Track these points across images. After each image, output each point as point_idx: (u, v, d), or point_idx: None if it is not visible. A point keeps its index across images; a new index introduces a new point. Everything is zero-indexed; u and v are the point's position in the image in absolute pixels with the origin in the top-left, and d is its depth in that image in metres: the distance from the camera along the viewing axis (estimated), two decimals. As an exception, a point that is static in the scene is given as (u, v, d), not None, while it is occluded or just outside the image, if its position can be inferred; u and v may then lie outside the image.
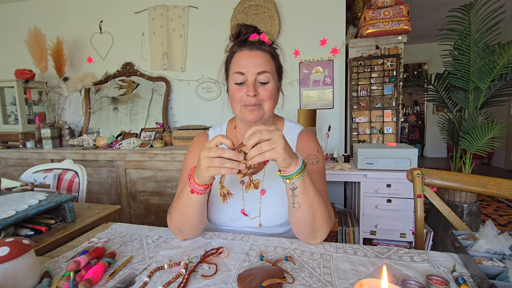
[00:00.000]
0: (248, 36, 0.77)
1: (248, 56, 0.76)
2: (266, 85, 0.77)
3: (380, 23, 2.08)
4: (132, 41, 2.74)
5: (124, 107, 2.79)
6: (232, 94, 0.79)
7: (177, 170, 2.17)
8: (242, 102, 0.77)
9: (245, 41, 0.78)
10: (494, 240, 0.62)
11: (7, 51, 3.09)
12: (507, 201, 3.19)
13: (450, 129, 2.10)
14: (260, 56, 0.77)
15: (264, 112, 0.79)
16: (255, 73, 0.75)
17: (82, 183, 1.45)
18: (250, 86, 0.75)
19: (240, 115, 0.81)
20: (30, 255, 0.57)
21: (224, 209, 0.83)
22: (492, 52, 1.75)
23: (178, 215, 0.74)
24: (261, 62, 0.76)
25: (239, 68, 0.76)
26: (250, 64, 0.75)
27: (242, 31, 0.78)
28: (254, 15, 2.38)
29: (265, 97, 0.77)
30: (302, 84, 2.42)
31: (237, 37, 0.79)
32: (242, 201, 0.83)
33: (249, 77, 0.76)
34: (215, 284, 0.57)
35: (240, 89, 0.77)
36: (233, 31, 0.79)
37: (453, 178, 0.86)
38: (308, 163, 0.83)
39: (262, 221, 0.82)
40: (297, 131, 0.90)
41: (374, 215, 1.77)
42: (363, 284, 0.44)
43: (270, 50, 0.80)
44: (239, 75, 0.76)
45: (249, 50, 0.77)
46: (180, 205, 0.73)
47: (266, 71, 0.76)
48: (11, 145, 2.65)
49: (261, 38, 0.78)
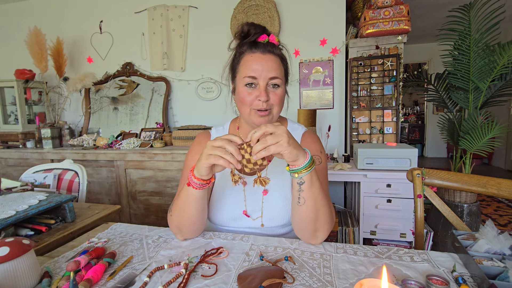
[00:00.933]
0: (257, 37, 0.76)
1: (260, 60, 0.75)
2: (277, 90, 0.77)
3: (380, 23, 2.08)
4: (132, 41, 2.74)
5: (124, 107, 2.79)
6: (242, 98, 0.77)
7: (177, 170, 2.17)
8: (252, 106, 0.77)
9: (256, 43, 0.76)
10: (494, 240, 0.62)
11: (7, 51, 3.09)
12: (507, 201, 3.19)
13: (450, 129, 2.10)
14: (272, 60, 0.76)
15: (272, 116, 0.79)
16: (268, 77, 0.75)
17: (82, 183, 1.45)
18: (262, 91, 0.74)
19: (248, 118, 0.80)
20: (30, 255, 0.57)
21: (226, 209, 0.83)
22: (492, 52, 1.75)
23: (178, 212, 0.74)
24: (273, 66, 0.75)
25: (251, 72, 0.75)
26: (262, 68, 0.74)
27: (252, 31, 0.76)
28: (254, 15, 2.38)
29: (275, 102, 0.77)
30: (302, 84, 2.42)
31: (245, 37, 0.77)
32: (244, 202, 0.83)
33: (261, 82, 0.75)
34: (215, 284, 0.57)
35: (250, 93, 0.76)
36: (240, 29, 0.77)
37: (453, 178, 0.86)
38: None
39: (264, 221, 0.82)
40: (300, 131, 0.90)
41: (374, 215, 1.77)
42: (363, 284, 0.44)
43: (280, 54, 0.79)
44: (251, 79, 0.75)
45: (261, 53, 0.75)
46: (180, 201, 0.73)
47: (277, 76, 0.76)
48: (11, 145, 2.65)
49: (270, 39, 0.77)
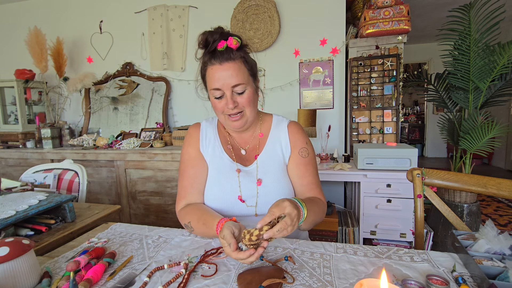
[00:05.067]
0: (215, 45, 0.76)
1: (220, 70, 0.77)
2: (243, 94, 0.80)
3: (380, 23, 2.07)
4: (132, 41, 2.74)
5: (124, 107, 2.79)
6: (214, 107, 0.83)
7: (177, 170, 2.17)
8: (224, 112, 0.82)
9: (214, 52, 0.77)
10: (494, 240, 0.62)
11: (7, 51, 3.09)
12: (507, 201, 3.19)
13: (450, 129, 2.09)
14: (231, 68, 0.76)
15: (247, 117, 0.83)
16: (230, 86, 0.77)
17: (82, 183, 1.45)
18: (229, 99, 0.78)
19: (225, 123, 0.86)
20: (30, 255, 0.57)
21: (222, 196, 0.85)
22: (492, 52, 1.75)
23: (199, 233, 0.81)
24: (233, 74, 0.76)
25: (215, 84, 0.78)
26: (223, 78, 0.76)
27: (209, 39, 0.76)
28: (254, 15, 2.38)
29: (245, 104, 0.81)
30: (302, 84, 2.42)
31: (206, 46, 0.78)
32: (239, 188, 0.85)
33: (226, 91, 0.78)
34: (215, 284, 0.57)
35: (220, 102, 0.80)
36: (200, 39, 0.78)
37: (453, 178, 0.86)
38: (302, 156, 0.88)
39: (258, 210, 0.84)
40: (285, 123, 0.93)
41: (374, 215, 1.77)
42: (363, 284, 0.44)
43: (239, 56, 0.78)
44: (216, 91, 0.79)
45: (219, 63, 0.76)
46: (202, 232, 0.79)
47: (240, 83, 0.77)
48: (11, 145, 2.65)
49: (228, 44, 0.76)
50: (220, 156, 0.89)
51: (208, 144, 0.91)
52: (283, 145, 0.90)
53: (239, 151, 0.91)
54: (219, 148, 0.90)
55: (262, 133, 0.92)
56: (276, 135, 0.91)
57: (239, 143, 0.92)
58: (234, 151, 0.91)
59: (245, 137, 0.92)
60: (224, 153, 0.89)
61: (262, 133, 0.92)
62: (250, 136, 0.92)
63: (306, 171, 0.87)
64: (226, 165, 0.87)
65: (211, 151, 0.90)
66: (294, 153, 0.89)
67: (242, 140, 0.93)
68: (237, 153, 0.91)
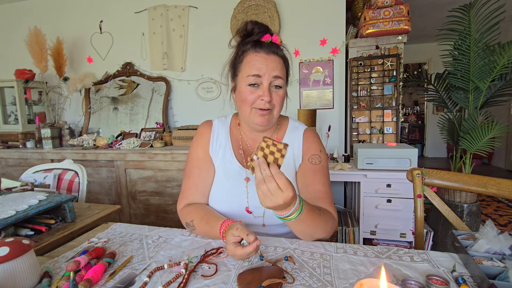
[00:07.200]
0: (261, 36, 0.76)
1: (265, 59, 0.75)
2: (279, 90, 0.78)
3: (380, 23, 2.07)
4: (132, 41, 2.74)
5: (124, 107, 2.79)
6: (245, 97, 0.77)
7: (177, 170, 2.17)
8: (254, 105, 0.77)
9: (259, 42, 0.76)
10: (494, 240, 0.62)
11: (7, 51, 3.09)
12: (507, 201, 3.19)
13: (450, 129, 2.09)
14: (276, 61, 0.76)
15: (273, 117, 0.80)
16: (271, 77, 0.75)
17: (82, 183, 1.45)
18: (266, 91, 0.75)
19: (248, 117, 0.80)
20: (30, 255, 0.57)
21: (228, 204, 0.83)
22: (492, 52, 1.75)
23: (200, 233, 0.79)
24: (277, 66, 0.76)
25: (255, 70, 0.75)
26: (266, 68, 0.74)
27: (255, 30, 0.76)
28: (254, 15, 2.38)
29: (277, 102, 0.78)
30: (302, 84, 2.42)
31: (248, 35, 0.77)
32: (247, 199, 0.83)
33: (265, 81, 0.75)
34: (215, 284, 0.57)
35: (253, 92, 0.76)
36: (244, 27, 0.77)
37: (453, 178, 0.86)
38: (311, 163, 0.84)
39: (266, 220, 0.82)
40: (301, 130, 0.90)
41: (374, 215, 1.77)
42: (363, 284, 0.44)
43: (282, 55, 0.79)
44: (255, 77, 0.75)
45: (265, 53, 0.75)
46: (204, 231, 0.77)
47: (281, 76, 0.76)
48: (11, 145, 2.65)
49: (273, 40, 0.76)
50: (230, 161, 0.85)
51: (218, 147, 0.87)
52: (295, 153, 0.86)
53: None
54: (230, 152, 0.86)
55: (278, 138, 0.87)
56: (289, 141, 0.87)
57: (252, 148, 0.87)
58: (245, 156, 0.86)
59: (259, 140, 0.90)
60: (235, 158, 0.85)
61: (278, 138, 0.88)
62: None
63: (314, 178, 0.82)
64: (235, 171, 0.84)
65: (221, 154, 0.86)
66: (304, 160, 0.85)
67: (255, 144, 0.88)
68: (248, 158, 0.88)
